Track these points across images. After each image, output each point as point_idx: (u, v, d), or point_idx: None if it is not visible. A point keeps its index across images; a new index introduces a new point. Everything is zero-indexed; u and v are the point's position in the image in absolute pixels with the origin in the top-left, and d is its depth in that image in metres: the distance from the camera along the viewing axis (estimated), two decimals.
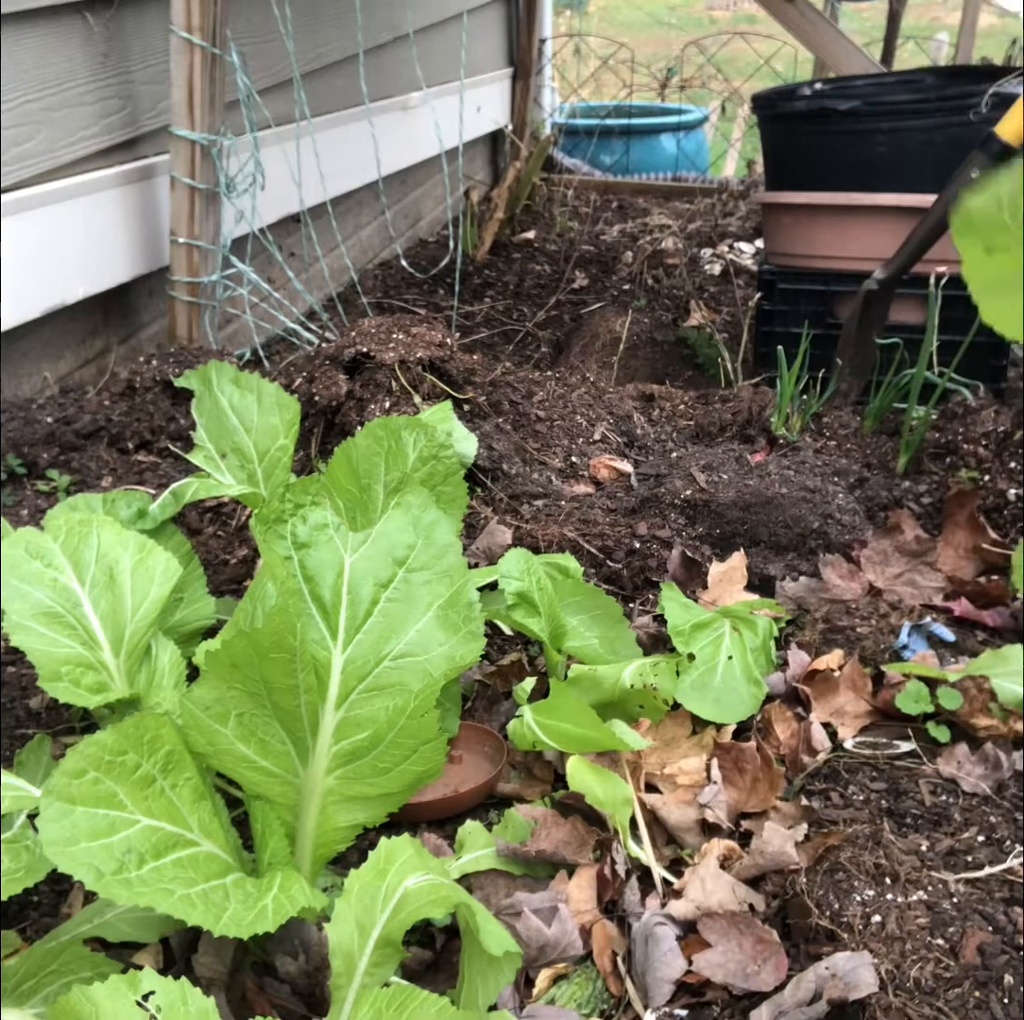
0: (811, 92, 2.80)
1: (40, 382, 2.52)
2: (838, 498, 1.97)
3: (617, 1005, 1.15)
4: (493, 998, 1.05)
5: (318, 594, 1.21)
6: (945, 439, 2.19)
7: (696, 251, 4.26)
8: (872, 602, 1.72)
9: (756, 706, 1.48)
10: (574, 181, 5.17)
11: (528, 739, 1.35)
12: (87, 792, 0.96)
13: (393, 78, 3.94)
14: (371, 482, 1.40)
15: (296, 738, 1.13)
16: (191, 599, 1.57)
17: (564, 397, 2.41)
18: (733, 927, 1.16)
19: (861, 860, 1.20)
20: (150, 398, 2.31)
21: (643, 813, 1.32)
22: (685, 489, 2.00)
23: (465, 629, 1.22)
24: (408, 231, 4.53)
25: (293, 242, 3.50)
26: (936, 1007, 1.04)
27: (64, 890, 1.28)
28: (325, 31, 3.45)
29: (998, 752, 1.37)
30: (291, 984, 1.14)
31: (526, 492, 2.05)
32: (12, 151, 2.30)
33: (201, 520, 2.04)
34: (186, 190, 2.58)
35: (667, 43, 8.85)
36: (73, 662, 1.26)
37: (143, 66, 2.65)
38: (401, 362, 2.15)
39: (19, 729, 1.54)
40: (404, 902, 1.03)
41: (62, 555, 1.34)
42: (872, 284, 2.51)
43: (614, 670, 1.47)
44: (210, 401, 1.78)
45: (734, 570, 1.81)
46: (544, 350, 3.50)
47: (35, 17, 2.33)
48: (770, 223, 2.90)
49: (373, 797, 1.16)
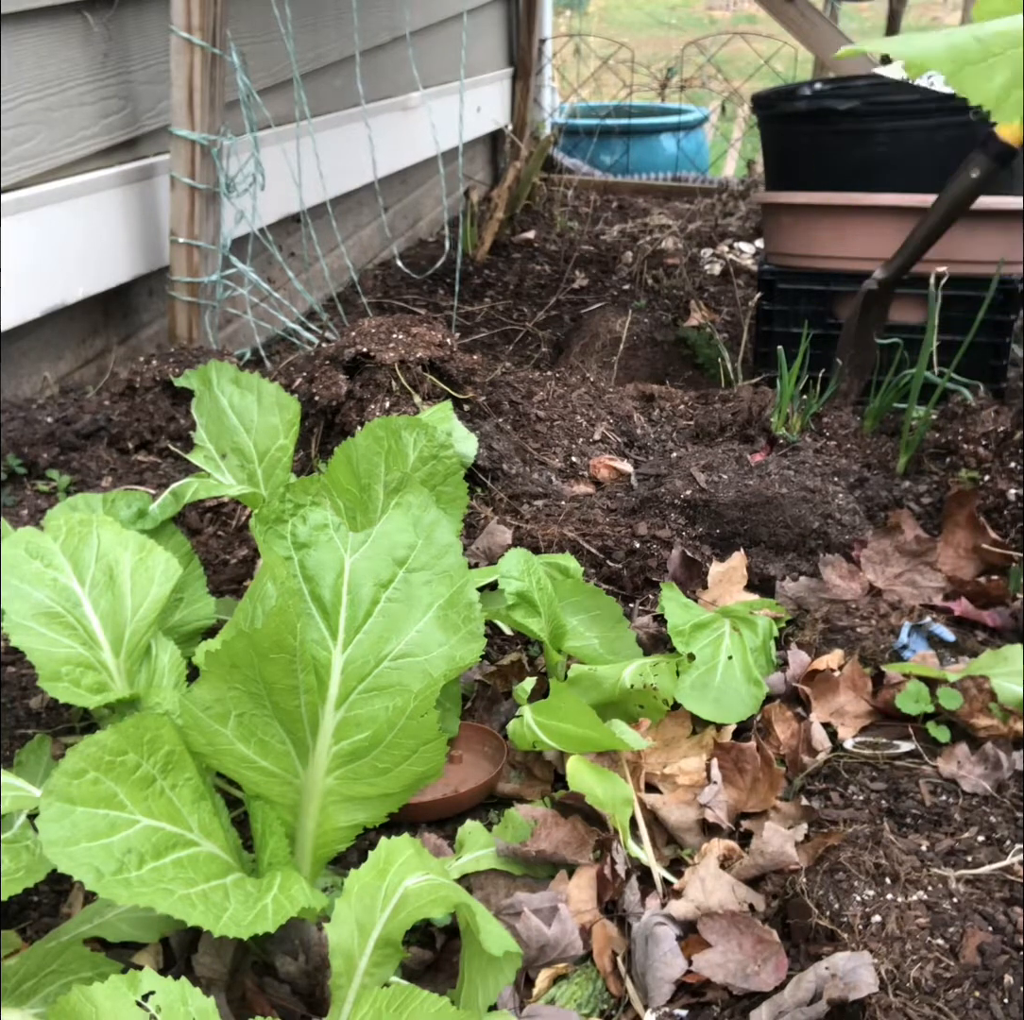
0: (811, 92, 2.80)
1: (40, 382, 2.52)
2: (838, 498, 1.97)
3: (617, 1005, 1.15)
4: (493, 998, 1.05)
5: (318, 594, 1.21)
6: (945, 439, 2.19)
7: (696, 251, 4.26)
8: (872, 602, 1.72)
9: (756, 706, 1.48)
10: (574, 181, 5.17)
11: (528, 739, 1.35)
12: (87, 792, 0.96)
13: (393, 78, 3.94)
14: (371, 482, 1.40)
15: (296, 738, 1.13)
16: (191, 599, 1.57)
17: (564, 397, 2.41)
18: (733, 927, 1.16)
19: (861, 860, 1.20)
20: (150, 398, 2.31)
21: (643, 813, 1.32)
22: (685, 489, 2.00)
23: (465, 629, 1.22)
24: (408, 231, 4.53)
25: (293, 242, 3.50)
26: (936, 1007, 1.04)
27: (64, 890, 1.28)
28: (325, 31, 3.45)
29: (998, 752, 1.37)
30: (291, 984, 1.14)
31: (526, 492, 2.05)
32: (12, 151, 2.30)
33: (201, 520, 2.04)
34: (186, 190, 2.58)
35: (667, 43, 8.84)
36: (73, 662, 1.26)
37: (143, 66, 2.65)
38: (401, 362, 2.15)
39: (19, 729, 1.54)
40: (404, 902, 1.03)
41: (62, 555, 1.34)
42: (872, 284, 2.51)
43: (614, 670, 1.47)
44: (210, 401, 1.78)
45: (734, 570, 1.81)
46: (544, 350, 3.50)
47: (35, 17, 2.33)
48: (770, 223, 2.90)
49: (373, 797, 1.16)
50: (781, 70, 5.43)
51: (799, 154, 2.83)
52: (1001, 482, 1.96)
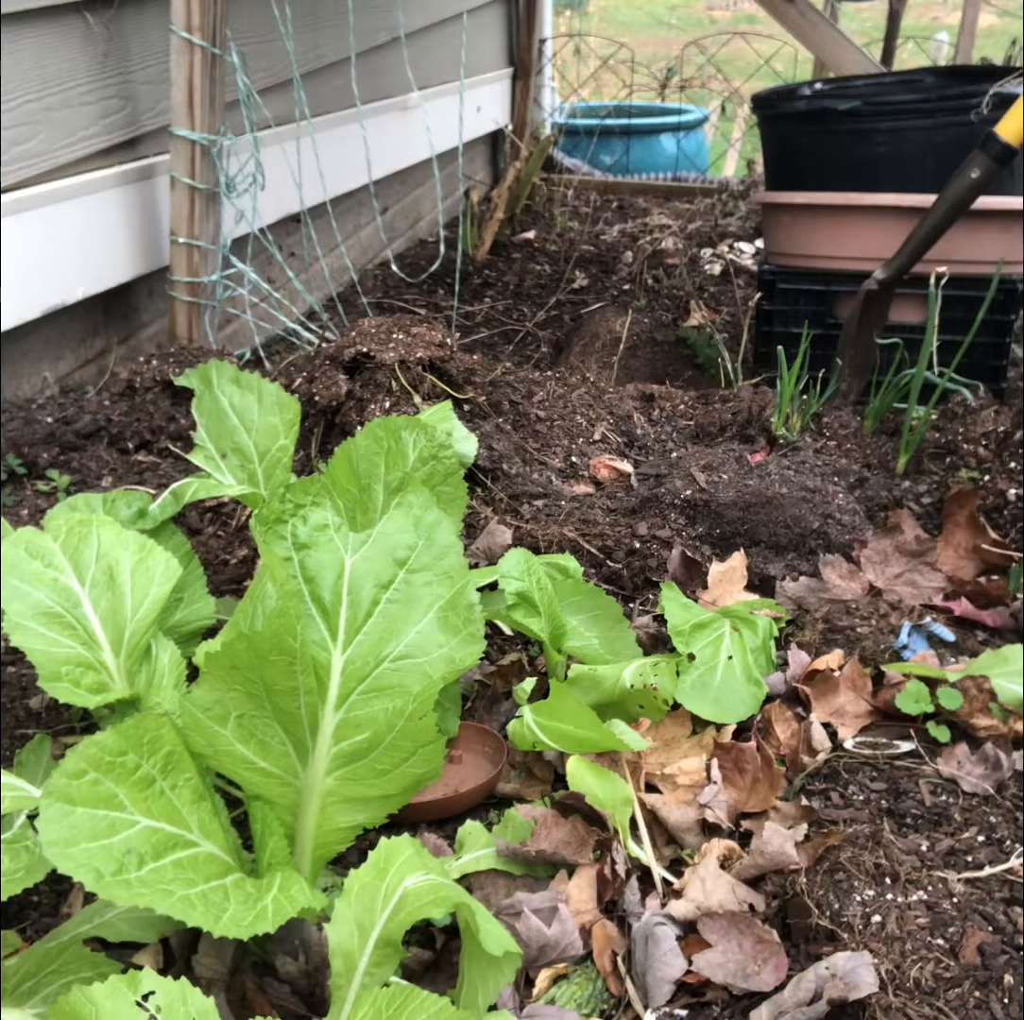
0: (811, 92, 2.80)
1: (40, 382, 2.52)
2: (838, 498, 1.97)
3: (617, 1005, 1.15)
4: (493, 998, 1.05)
5: (318, 595, 1.21)
6: (945, 439, 2.19)
7: (696, 251, 4.26)
8: (872, 602, 1.72)
9: (756, 706, 1.48)
10: (574, 181, 5.17)
11: (528, 739, 1.35)
12: (87, 793, 0.96)
13: (393, 78, 3.94)
14: (371, 482, 1.40)
15: (296, 739, 1.13)
16: (191, 599, 1.57)
17: (564, 397, 2.41)
18: (733, 927, 1.16)
19: (861, 860, 1.20)
20: (150, 398, 2.30)
21: (643, 813, 1.32)
22: (685, 489, 2.00)
23: (465, 631, 1.22)
24: (408, 231, 4.53)
25: (293, 242, 3.50)
26: (936, 1007, 1.04)
27: (64, 890, 1.28)
28: (325, 31, 3.45)
29: (998, 752, 1.37)
30: (291, 984, 1.14)
31: (526, 492, 2.05)
32: (12, 151, 2.30)
33: (201, 520, 2.04)
34: (186, 190, 2.58)
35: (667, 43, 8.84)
36: (73, 662, 1.26)
37: (143, 66, 2.65)
38: (401, 362, 2.15)
39: (19, 729, 1.54)
40: (404, 902, 1.03)
41: (62, 555, 1.34)
42: (872, 284, 2.51)
43: (614, 670, 1.47)
44: (210, 401, 1.77)
45: (734, 570, 1.81)
46: (544, 350, 3.50)
47: (35, 17, 2.33)
48: (770, 223, 2.90)
49: (372, 798, 1.16)
50: (781, 70, 5.43)
51: (799, 154, 2.83)
52: (1001, 482, 1.96)
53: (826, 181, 2.71)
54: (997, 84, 2.48)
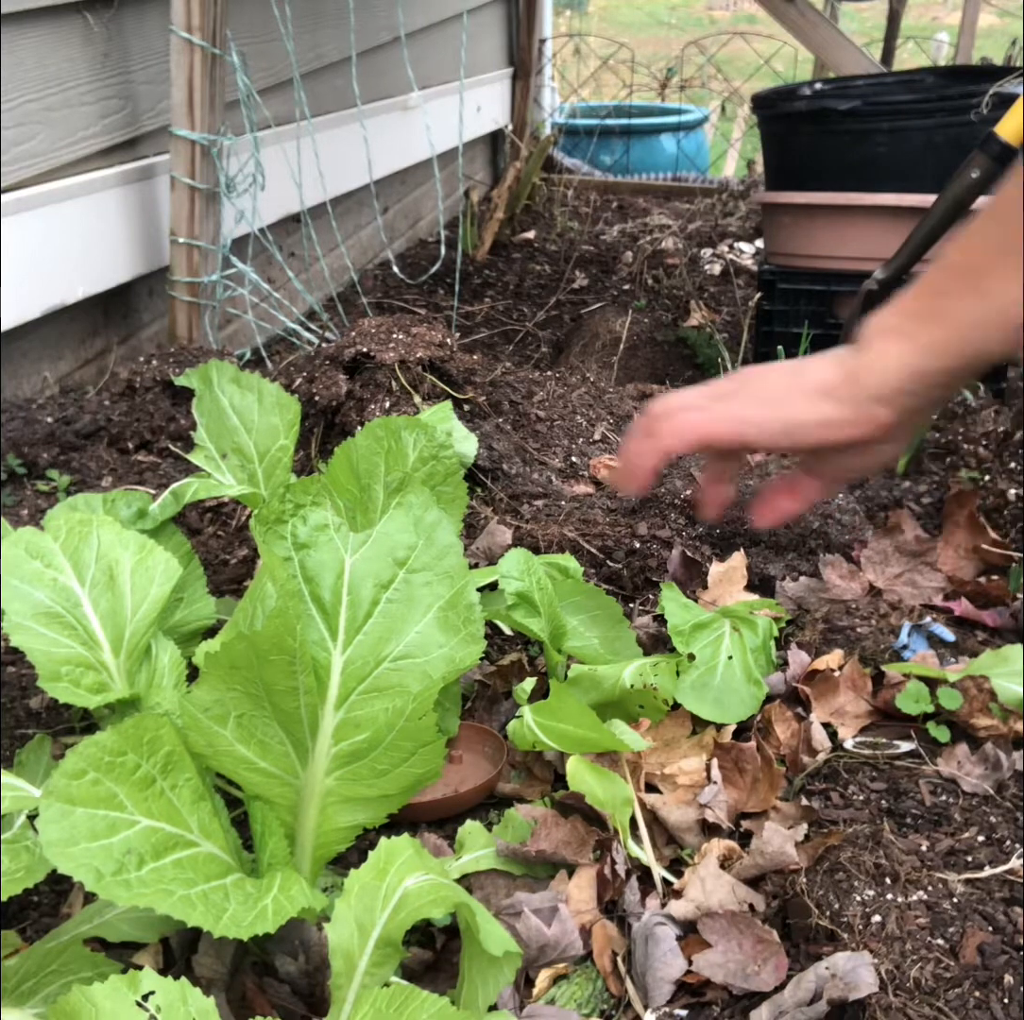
0: (811, 92, 2.80)
1: (40, 382, 2.52)
2: (838, 498, 1.98)
3: (617, 1005, 1.15)
4: (493, 998, 1.05)
5: (318, 595, 1.21)
6: (945, 439, 2.19)
7: (696, 251, 4.26)
8: (872, 602, 1.72)
9: (756, 706, 1.48)
10: (574, 181, 5.17)
11: (528, 739, 1.35)
12: (87, 793, 0.96)
13: (394, 78, 3.94)
14: (371, 482, 1.40)
15: (296, 739, 1.13)
16: (191, 599, 1.56)
17: (564, 397, 2.41)
18: (733, 927, 1.16)
19: (861, 860, 1.20)
20: (150, 398, 2.30)
21: (643, 813, 1.32)
22: (685, 489, 2.00)
23: (465, 631, 1.22)
24: (408, 231, 4.53)
25: (293, 242, 3.50)
26: (936, 1007, 1.04)
27: (64, 890, 1.28)
28: (325, 31, 3.45)
29: (998, 752, 1.36)
30: (291, 984, 1.14)
31: (526, 492, 2.05)
32: (12, 151, 2.30)
33: (201, 520, 2.04)
34: (186, 190, 2.58)
35: (667, 43, 8.84)
36: (73, 662, 1.26)
37: (143, 66, 2.66)
38: (401, 362, 2.15)
39: (19, 729, 1.54)
40: (404, 902, 1.03)
41: (62, 555, 1.34)
42: (872, 284, 2.51)
43: (614, 670, 1.47)
44: (210, 401, 1.77)
45: (734, 570, 1.81)
46: (544, 350, 3.50)
47: (35, 17, 2.33)
48: (770, 223, 2.90)
49: (372, 798, 1.16)
50: (781, 70, 5.43)
51: (799, 154, 2.83)
52: (1001, 482, 1.96)
53: (826, 181, 2.71)
54: (997, 84, 2.48)
